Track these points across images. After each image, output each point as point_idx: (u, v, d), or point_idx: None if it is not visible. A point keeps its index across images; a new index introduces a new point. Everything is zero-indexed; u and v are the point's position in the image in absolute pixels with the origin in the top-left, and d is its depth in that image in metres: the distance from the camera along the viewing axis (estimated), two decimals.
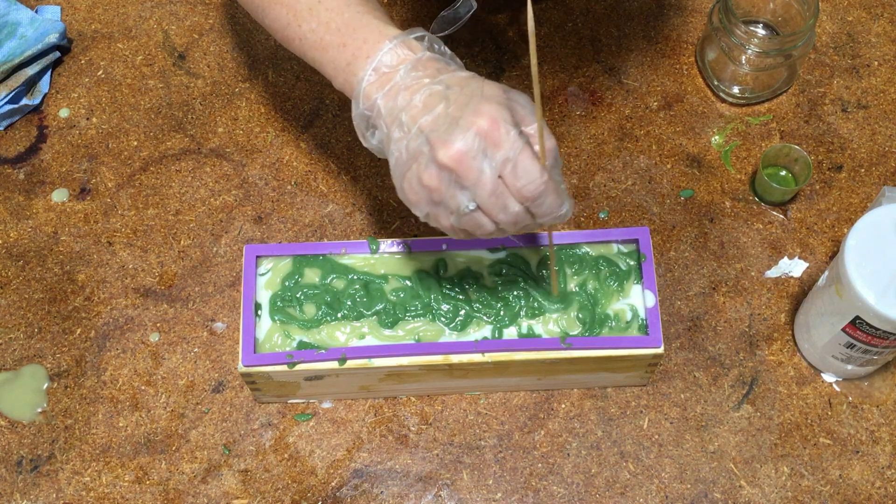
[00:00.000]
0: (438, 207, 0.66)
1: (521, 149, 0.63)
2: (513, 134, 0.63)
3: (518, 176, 0.64)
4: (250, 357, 0.79)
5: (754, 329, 0.92)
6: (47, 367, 0.91)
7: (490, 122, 0.63)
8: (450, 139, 0.63)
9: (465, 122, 0.63)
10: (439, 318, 0.81)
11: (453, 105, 0.64)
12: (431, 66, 0.67)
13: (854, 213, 0.97)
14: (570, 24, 1.06)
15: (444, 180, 0.64)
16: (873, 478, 0.86)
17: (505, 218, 0.66)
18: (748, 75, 0.99)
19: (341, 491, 0.86)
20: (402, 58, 0.67)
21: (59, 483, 0.86)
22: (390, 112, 0.66)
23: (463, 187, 0.64)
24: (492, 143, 0.63)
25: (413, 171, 0.65)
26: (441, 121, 0.64)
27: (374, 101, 0.67)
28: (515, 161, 0.63)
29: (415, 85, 0.66)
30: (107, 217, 0.97)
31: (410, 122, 0.65)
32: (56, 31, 1.02)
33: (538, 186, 0.64)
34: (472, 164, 0.63)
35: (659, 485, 0.86)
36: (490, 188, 0.64)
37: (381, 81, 0.67)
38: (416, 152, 0.65)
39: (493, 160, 0.63)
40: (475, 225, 0.67)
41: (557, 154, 0.67)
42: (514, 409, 0.89)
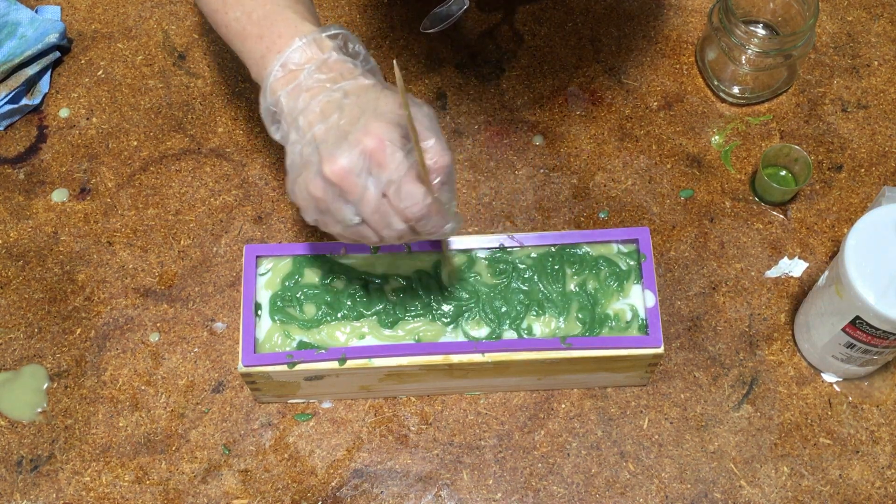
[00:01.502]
0: (326, 216, 0.67)
1: (406, 171, 0.64)
2: (398, 156, 0.63)
3: (401, 197, 0.64)
4: (250, 357, 0.79)
5: (754, 329, 0.92)
6: (47, 367, 0.91)
7: (376, 142, 0.63)
8: (336, 154, 0.63)
9: (353, 138, 0.63)
10: (439, 318, 0.81)
11: (346, 117, 0.65)
12: (337, 68, 0.67)
13: (854, 213, 0.97)
14: (570, 24, 1.06)
15: (329, 193, 0.65)
16: (873, 478, 0.86)
17: (389, 234, 0.66)
18: (748, 75, 0.99)
19: (341, 491, 0.86)
20: (309, 57, 0.67)
21: (59, 483, 0.86)
22: (291, 112, 0.67)
23: (347, 202, 0.65)
24: (376, 164, 0.63)
25: (303, 178, 0.66)
26: (332, 132, 0.64)
27: (278, 97, 0.68)
28: (399, 183, 0.64)
29: (316, 88, 0.66)
30: (107, 217, 0.97)
31: (306, 128, 0.66)
32: (56, 31, 1.02)
33: (421, 209, 0.65)
34: (355, 182, 0.64)
35: (659, 485, 0.86)
36: (373, 206, 0.64)
37: (286, 78, 0.67)
38: (307, 160, 0.65)
39: (377, 180, 0.64)
40: (361, 237, 0.67)
41: (451, 171, 0.67)
42: (514, 409, 0.89)
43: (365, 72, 0.68)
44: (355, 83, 0.67)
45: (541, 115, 1.01)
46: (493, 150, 1.00)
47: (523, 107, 1.02)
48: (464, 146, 1.00)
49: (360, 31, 1.06)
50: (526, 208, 0.97)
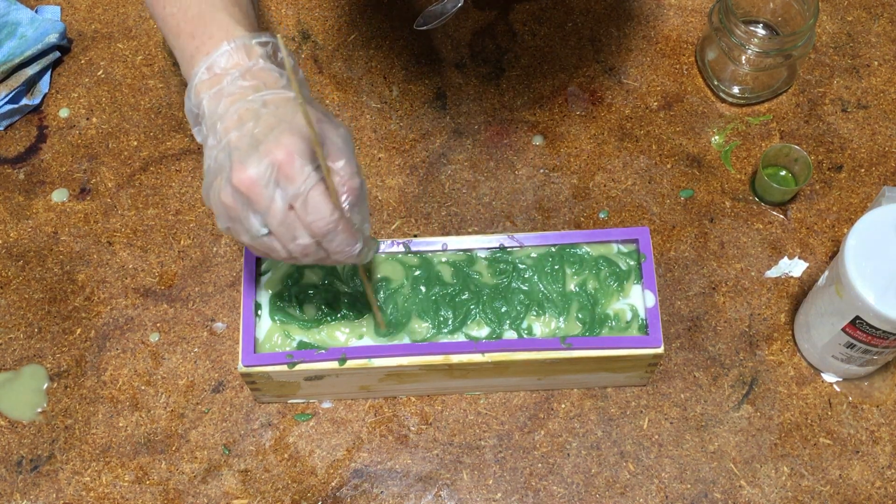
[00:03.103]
0: (235, 224, 0.67)
1: (313, 185, 0.64)
2: (307, 169, 0.63)
3: (308, 211, 0.64)
4: (250, 357, 0.79)
5: (754, 329, 0.92)
6: (47, 367, 0.91)
7: (286, 155, 0.63)
8: (245, 163, 0.63)
9: (263, 148, 0.63)
10: (439, 318, 0.81)
11: (261, 126, 0.64)
12: (261, 76, 0.67)
13: (854, 213, 0.97)
14: (570, 24, 1.06)
15: (238, 201, 0.65)
16: (873, 478, 0.86)
17: (295, 248, 0.66)
18: (748, 75, 0.99)
19: (341, 491, 0.86)
20: (235, 62, 0.67)
21: (59, 483, 0.86)
22: (211, 116, 0.67)
23: (255, 212, 0.65)
24: (284, 176, 0.63)
25: (216, 184, 0.66)
26: (245, 141, 0.64)
27: (201, 99, 0.67)
28: (306, 196, 0.64)
29: (237, 94, 0.66)
30: (107, 217, 0.97)
31: (223, 133, 0.65)
32: (56, 31, 1.02)
33: (327, 224, 0.65)
34: (262, 193, 0.63)
35: (659, 485, 0.86)
36: (280, 218, 0.64)
37: (211, 82, 0.67)
38: (221, 166, 0.65)
39: (285, 192, 0.64)
40: (269, 248, 0.67)
41: (362, 194, 0.67)
42: (514, 409, 0.89)
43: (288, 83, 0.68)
44: (276, 94, 0.66)
45: (541, 115, 1.01)
46: (493, 150, 1.00)
47: (523, 107, 1.02)
48: (464, 146, 1.00)
49: (361, 31, 1.06)
50: (526, 208, 0.97)
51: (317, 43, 1.06)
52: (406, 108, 1.02)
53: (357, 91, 1.03)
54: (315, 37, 1.06)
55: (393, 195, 0.98)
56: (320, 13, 1.07)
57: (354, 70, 1.04)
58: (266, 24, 1.07)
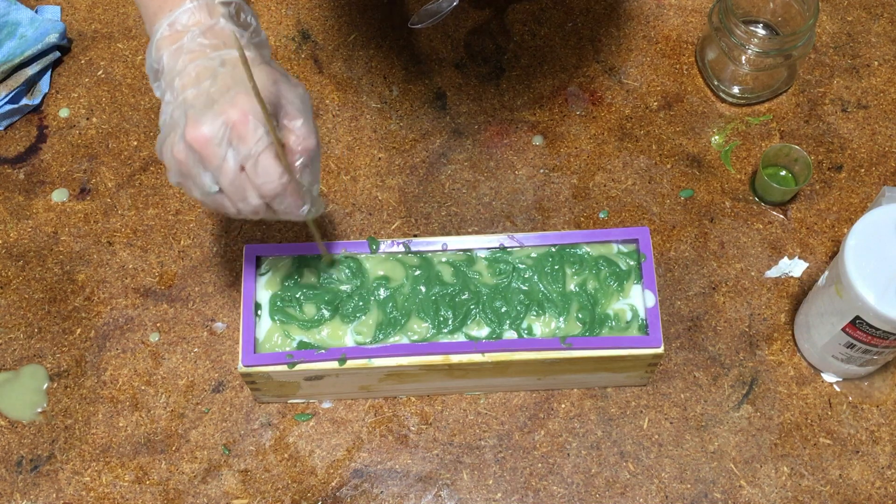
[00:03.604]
0: (187, 180, 0.68)
1: (265, 147, 0.65)
2: (259, 131, 0.64)
3: (258, 173, 0.65)
4: (250, 357, 0.79)
5: (754, 329, 0.92)
6: (47, 367, 0.91)
7: (240, 115, 0.64)
8: (199, 121, 0.64)
9: (218, 107, 0.64)
10: (439, 318, 0.81)
11: (218, 85, 0.65)
12: (221, 36, 0.68)
13: (854, 213, 0.97)
14: (570, 24, 1.06)
15: (190, 158, 0.66)
16: (873, 478, 0.86)
17: (245, 207, 0.67)
18: (748, 75, 0.99)
19: (341, 491, 0.86)
20: (197, 20, 0.68)
21: (59, 483, 0.86)
22: (170, 72, 0.67)
23: (207, 169, 0.66)
24: (237, 136, 0.64)
25: (170, 139, 0.67)
26: (201, 98, 0.65)
27: (161, 55, 0.68)
28: (257, 158, 0.65)
29: (197, 52, 0.67)
30: (107, 217, 0.97)
31: (180, 90, 0.66)
32: (56, 31, 1.02)
33: (276, 187, 0.66)
34: (215, 151, 0.64)
35: (659, 485, 0.86)
36: (230, 177, 0.65)
37: (172, 38, 0.68)
38: (175, 122, 0.66)
39: (237, 152, 0.65)
40: (218, 205, 0.68)
41: (315, 154, 0.68)
42: (514, 409, 0.89)
43: (249, 43, 0.69)
44: (234, 53, 0.67)
45: (541, 115, 1.01)
46: (493, 150, 1.00)
47: (523, 107, 1.02)
48: (464, 146, 1.00)
49: (361, 31, 1.06)
50: (526, 208, 0.97)
51: (317, 43, 1.06)
52: (406, 108, 1.02)
53: (357, 91, 1.03)
54: (315, 37, 1.06)
55: (393, 195, 0.98)
56: (320, 13, 1.07)
57: (354, 70, 1.04)
58: (264, 22, 1.07)
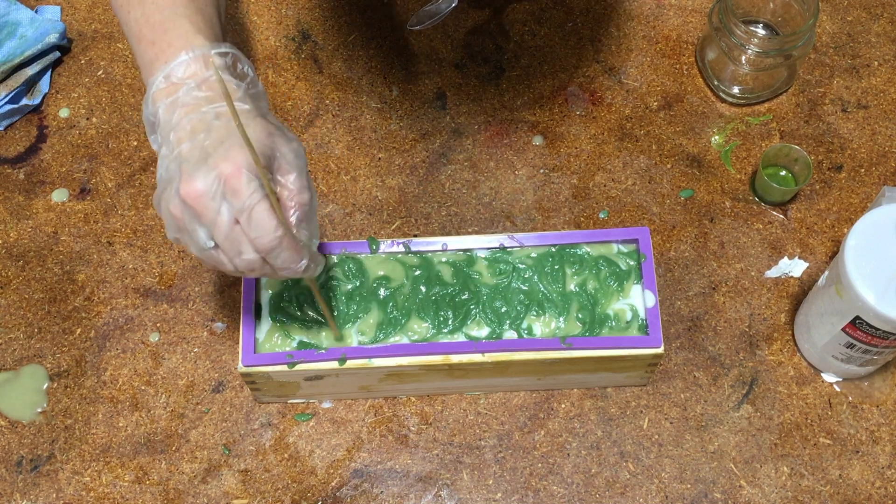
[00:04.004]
0: (183, 235, 0.67)
1: (259, 200, 0.64)
2: (253, 185, 0.63)
3: (252, 227, 0.64)
4: (250, 357, 0.79)
5: (754, 329, 0.92)
6: (47, 367, 0.91)
7: (233, 168, 0.63)
8: (193, 176, 0.63)
9: (212, 161, 0.63)
10: (439, 318, 0.81)
11: (212, 138, 0.64)
12: (216, 88, 0.67)
13: (854, 213, 0.97)
14: (570, 24, 1.06)
15: (185, 213, 0.65)
16: (873, 478, 0.86)
17: (241, 263, 0.66)
18: (748, 75, 0.99)
19: (341, 491, 0.86)
20: (193, 72, 0.67)
21: (59, 483, 0.86)
22: (165, 125, 0.67)
23: (202, 224, 0.65)
24: (230, 190, 0.63)
25: (166, 194, 0.66)
26: (196, 153, 0.64)
27: (157, 108, 0.67)
28: (251, 211, 0.64)
29: (192, 105, 0.66)
30: (107, 217, 0.97)
31: (175, 144, 0.65)
32: (56, 31, 1.02)
33: (271, 241, 0.65)
34: (209, 206, 0.64)
35: (659, 485, 0.86)
36: (225, 232, 0.64)
37: (168, 90, 0.67)
38: (171, 176, 0.65)
39: (231, 206, 0.64)
40: (216, 262, 0.67)
41: (311, 210, 0.67)
42: (514, 409, 0.89)
43: (245, 95, 0.68)
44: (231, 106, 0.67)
45: (541, 115, 1.01)
46: (493, 150, 1.00)
47: (523, 107, 1.02)
48: (464, 146, 1.00)
49: (361, 31, 1.06)
50: (526, 208, 0.97)
51: (317, 43, 1.06)
52: (406, 108, 1.02)
53: (357, 91, 1.03)
54: (315, 37, 1.06)
55: (393, 195, 0.98)
56: (320, 13, 1.07)
57: (354, 70, 1.04)
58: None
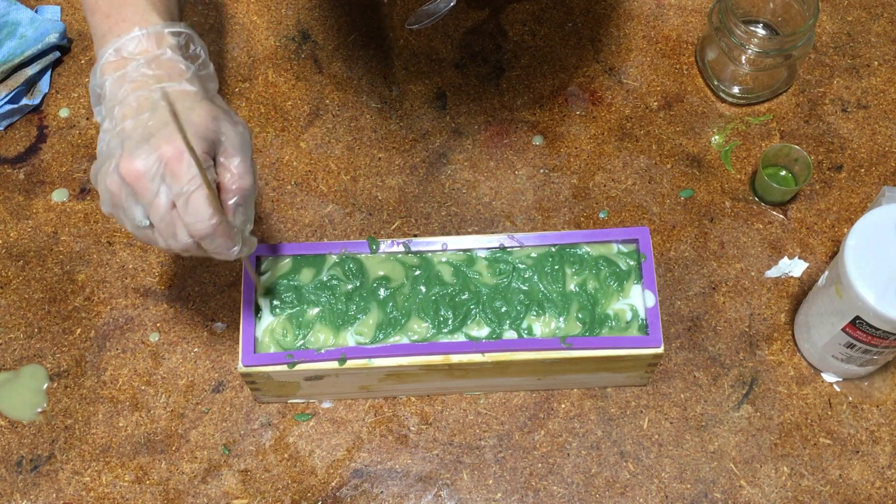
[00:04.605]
0: (118, 211, 0.67)
1: (197, 187, 0.64)
2: (193, 170, 0.63)
3: (188, 212, 0.64)
4: (250, 357, 0.79)
5: (754, 329, 0.92)
6: (47, 367, 0.91)
7: (174, 152, 0.63)
8: (134, 154, 0.63)
9: (154, 141, 0.63)
10: (439, 318, 0.81)
11: (156, 119, 0.64)
12: (167, 67, 0.67)
13: (854, 213, 0.97)
14: (570, 24, 1.06)
15: (123, 190, 0.65)
16: (873, 478, 0.86)
17: (175, 244, 0.67)
18: (748, 75, 0.99)
19: (341, 491, 0.86)
20: (143, 49, 0.67)
21: (59, 483, 0.86)
22: (111, 99, 0.66)
23: (139, 203, 0.65)
24: (170, 173, 0.63)
25: (104, 168, 0.66)
26: (138, 131, 0.64)
27: (104, 80, 0.67)
28: (188, 197, 0.64)
29: (140, 81, 0.66)
30: (107, 217, 0.97)
31: (119, 119, 0.65)
32: (56, 31, 1.02)
33: (206, 228, 0.65)
34: (147, 186, 0.64)
35: (659, 485, 0.86)
36: (161, 214, 0.65)
37: (117, 64, 0.67)
38: (111, 152, 0.65)
39: (170, 189, 0.64)
40: (149, 239, 0.67)
41: (250, 194, 0.68)
42: (514, 409, 0.89)
43: (194, 76, 0.68)
44: (177, 87, 0.66)
45: (541, 115, 1.01)
46: (493, 150, 1.00)
47: (523, 107, 1.02)
48: (464, 146, 1.00)
49: (360, 31, 1.06)
50: (526, 208, 0.97)
51: (317, 43, 1.06)
52: (406, 108, 1.02)
53: (357, 91, 1.03)
54: (315, 37, 1.06)
55: (393, 195, 0.97)
56: (320, 13, 1.07)
57: (354, 70, 1.04)
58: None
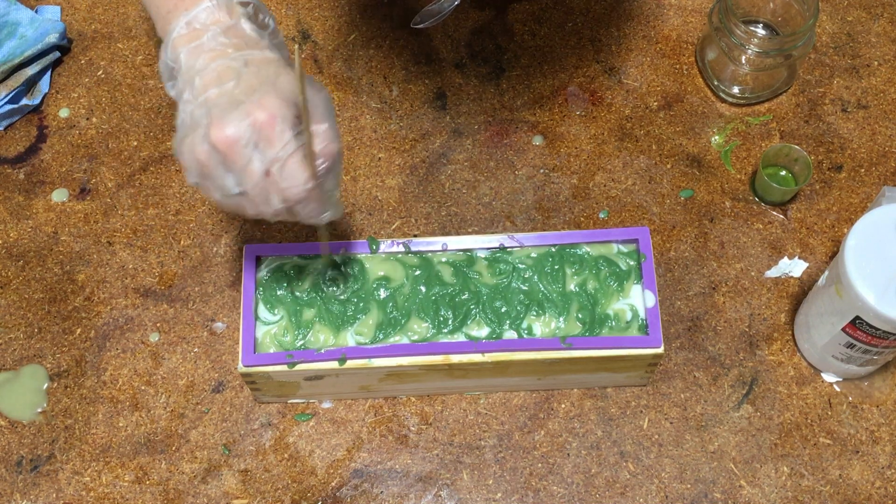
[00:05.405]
0: (207, 181, 0.66)
1: (292, 151, 0.63)
2: (287, 134, 0.63)
3: (283, 177, 0.64)
4: (250, 357, 0.79)
5: (754, 329, 0.92)
6: (47, 367, 0.91)
7: (268, 117, 0.63)
8: (225, 121, 0.63)
9: (245, 108, 0.63)
10: (439, 318, 0.81)
11: (242, 86, 0.64)
12: (242, 36, 0.66)
13: (854, 213, 0.97)
14: (570, 24, 1.06)
15: (213, 159, 0.64)
16: (873, 478, 0.86)
17: (266, 210, 0.66)
18: (748, 75, 0.99)
19: (341, 491, 0.86)
20: (216, 19, 0.66)
21: (59, 483, 0.86)
22: (188, 70, 0.66)
23: (230, 171, 0.65)
24: (264, 139, 0.63)
25: (190, 139, 0.65)
26: (225, 98, 0.64)
27: (178, 53, 0.67)
28: (284, 162, 0.63)
29: (218, 51, 0.65)
30: (107, 217, 0.97)
31: (201, 89, 0.65)
32: (56, 31, 1.02)
33: (301, 192, 0.65)
34: (240, 153, 0.63)
35: (659, 485, 0.86)
36: (255, 180, 0.64)
37: (189, 36, 0.66)
38: (197, 122, 0.65)
39: (263, 155, 0.63)
40: (239, 207, 0.67)
41: (338, 159, 0.67)
42: (514, 409, 0.89)
43: (271, 45, 0.68)
44: (259, 54, 0.66)
45: (541, 115, 1.01)
46: (493, 150, 1.00)
47: (523, 107, 1.02)
48: (464, 146, 1.00)
49: (360, 31, 1.06)
50: (526, 208, 0.97)
51: (317, 43, 1.06)
52: (406, 108, 1.02)
53: (357, 91, 1.03)
54: (315, 37, 1.06)
55: (393, 195, 0.98)
56: (320, 13, 1.07)
57: (354, 70, 1.04)
58: None
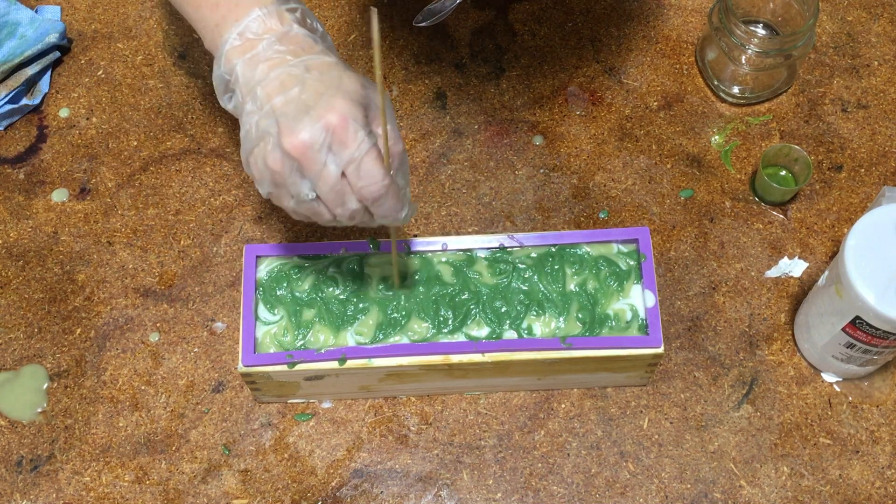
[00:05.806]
0: (280, 189, 0.67)
1: (368, 150, 0.64)
2: (360, 134, 0.63)
3: (360, 176, 0.64)
4: (250, 357, 0.79)
5: (754, 329, 0.92)
6: (47, 367, 0.91)
7: (340, 119, 0.63)
8: (297, 128, 0.63)
9: (315, 113, 0.63)
10: (439, 318, 0.81)
11: (308, 91, 0.64)
12: (297, 42, 0.67)
13: (854, 213, 0.97)
14: (570, 24, 1.06)
15: (286, 166, 0.64)
16: (873, 478, 0.86)
17: (342, 212, 0.67)
18: (748, 75, 0.99)
19: (341, 491, 0.86)
20: (269, 27, 0.67)
21: (59, 483, 0.86)
22: (247, 82, 0.66)
23: (304, 176, 0.65)
24: (338, 141, 0.63)
25: (260, 149, 0.65)
26: (293, 105, 0.64)
27: (234, 65, 0.67)
28: (360, 161, 0.64)
29: (276, 59, 0.66)
30: (107, 217, 0.97)
31: (264, 99, 0.65)
32: (56, 30, 1.02)
33: (379, 189, 0.65)
34: (315, 157, 0.63)
35: (659, 485, 0.86)
36: (331, 183, 0.64)
37: (244, 47, 0.66)
38: (264, 132, 0.65)
39: (337, 157, 0.64)
40: (314, 212, 0.67)
41: (405, 158, 0.68)
42: (514, 409, 0.89)
43: (325, 48, 0.68)
44: (318, 59, 0.66)
45: (541, 115, 1.01)
46: (493, 150, 1.00)
47: (523, 107, 1.02)
48: (464, 146, 1.00)
49: (361, 31, 1.06)
50: (526, 208, 0.97)
51: None
52: (406, 108, 1.02)
53: None
54: None
55: None
56: (320, 13, 1.07)
57: (354, 70, 1.04)
58: None
